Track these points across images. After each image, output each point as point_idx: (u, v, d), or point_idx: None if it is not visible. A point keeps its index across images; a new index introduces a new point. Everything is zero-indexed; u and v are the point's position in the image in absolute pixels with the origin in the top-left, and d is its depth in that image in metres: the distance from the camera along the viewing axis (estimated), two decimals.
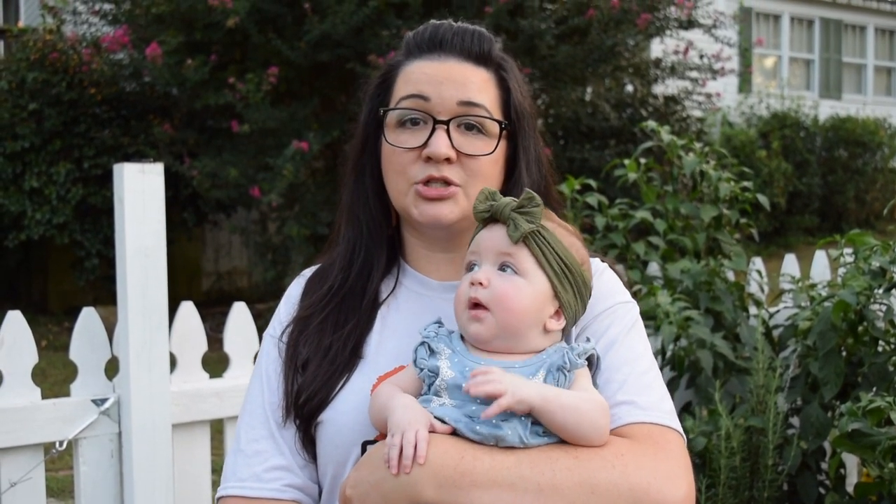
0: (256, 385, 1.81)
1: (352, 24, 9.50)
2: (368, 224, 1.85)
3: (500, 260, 1.58)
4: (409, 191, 1.75)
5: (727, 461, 3.28)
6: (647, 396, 1.65)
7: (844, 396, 3.30)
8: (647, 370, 1.70)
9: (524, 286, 1.57)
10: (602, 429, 1.53)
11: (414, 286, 1.84)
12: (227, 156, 10.37)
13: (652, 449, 1.56)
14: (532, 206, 1.58)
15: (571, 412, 1.50)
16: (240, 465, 1.74)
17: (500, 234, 1.59)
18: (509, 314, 1.55)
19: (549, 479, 1.46)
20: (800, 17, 20.22)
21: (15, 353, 2.84)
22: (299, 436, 1.74)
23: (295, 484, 1.73)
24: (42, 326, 10.74)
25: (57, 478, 5.79)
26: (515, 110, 1.81)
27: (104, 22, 11.31)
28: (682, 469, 1.56)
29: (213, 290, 13.14)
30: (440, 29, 1.82)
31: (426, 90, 1.75)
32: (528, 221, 1.57)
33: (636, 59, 11.91)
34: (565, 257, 1.60)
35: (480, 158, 1.75)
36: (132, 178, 2.96)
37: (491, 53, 1.81)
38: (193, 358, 3.17)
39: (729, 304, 3.78)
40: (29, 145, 10.94)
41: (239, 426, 1.80)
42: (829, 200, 17.13)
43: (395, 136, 1.78)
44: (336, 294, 1.82)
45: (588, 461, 1.49)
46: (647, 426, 1.61)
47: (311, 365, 1.75)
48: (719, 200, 4.10)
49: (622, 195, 4.93)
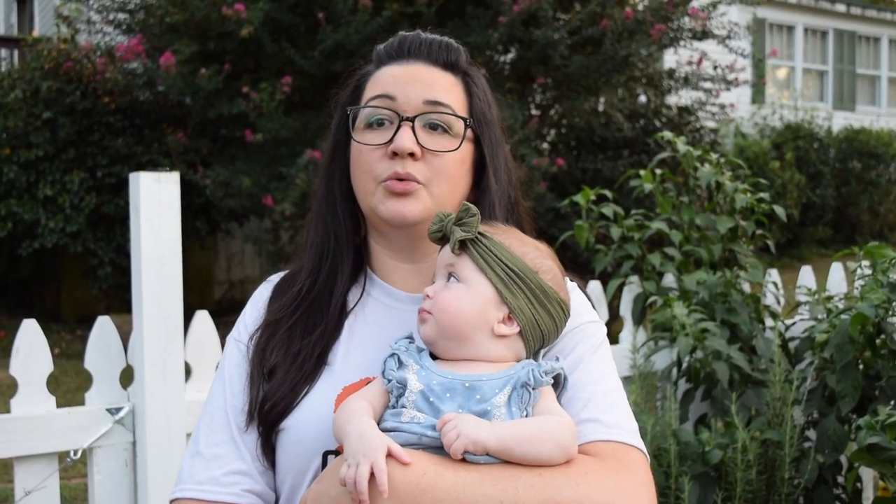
0: (218, 388, 1.80)
1: (365, 33, 9.51)
2: (336, 230, 1.86)
3: (447, 272, 1.64)
4: (377, 189, 1.76)
5: (743, 474, 3.27)
6: (612, 415, 1.66)
7: (862, 410, 3.28)
8: (612, 389, 1.71)
9: (461, 290, 1.61)
10: (566, 448, 1.53)
11: (381, 297, 1.84)
12: (241, 165, 10.39)
13: (615, 467, 1.56)
14: (468, 217, 1.61)
15: (529, 444, 1.50)
16: (198, 467, 1.72)
17: (446, 249, 1.65)
18: (445, 315, 1.59)
19: (511, 497, 1.46)
20: (814, 29, 20.20)
21: (30, 361, 2.84)
22: (260, 442, 1.73)
23: (254, 490, 1.72)
24: (55, 334, 10.76)
25: (71, 486, 5.79)
26: (478, 116, 1.83)
27: (118, 31, 11.34)
28: (644, 487, 1.57)
29: (225, 298, 13.15)
30: (408, 38, 1.86)
31: (392, 90, 1.78)
32: (463, 231, 1.60)
33: (650, 70, 11.89)
34: (511, 263, 1.62)
35: (445, 156, 1.75)
36: (148, 187, 2.96)
37: (458, 61, 1.85)
38: (208, 367, 3.17)
39: (745, 316, 3.76)
40: (43, 154, 10.97)
41: (198, 428, 1.78)
42: (842, 212, 17.09)
43: (362, 136, 1.79)
44: (305, 298, 1.82)
45: (551, 479, 1.49)
46: (612, 444, 1.62)
47: (279, 371, 1.74)
48: (735, 211, 4.09)
49: (636, 206, 4.91)
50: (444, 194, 1.76)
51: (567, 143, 11.55)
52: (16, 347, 2.83)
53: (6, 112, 11.05)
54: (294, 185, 9.44)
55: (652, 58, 11.85)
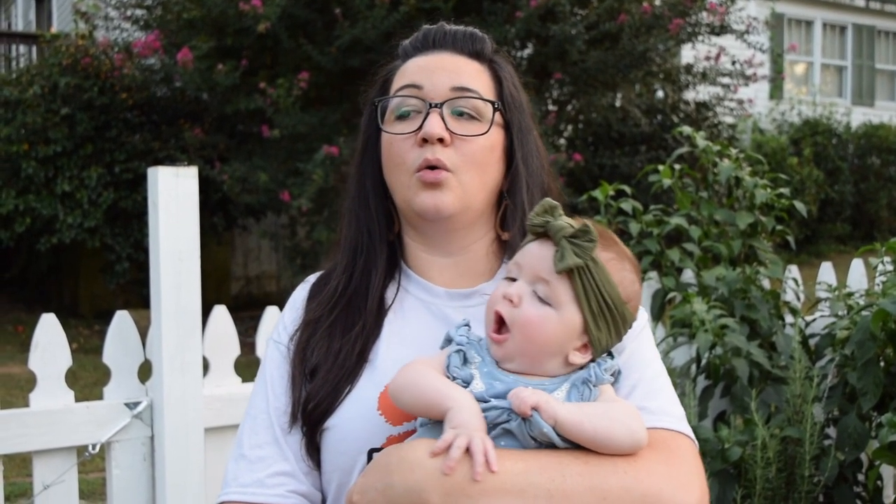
0: (260, 390, 1.79)
1: (382, 29, 9.52)
2: (369, 226, 1.84)
3: (538, 283, 1.54)
4: (411, 181, 1.73)
5: (763, 471, 3.25)
6: (657, 401, 1.64)
7: (883, 407, 3.26)
8: (657, 375, 1.69)
9: (552, 318, 1.52)
10: (635, 431, 1.50)
11: (418, 293, 1.81)
12: (257, 160, 10.41)
13: (664, 454, 1.53)
14: (586, 240, 1.52)
15: (599, 420, 1.47)
16: (242, 470, 1.71)
17: (547, 255, 1.54)
18: (529, 343, 1.52)
19: (559, 486, 1.43)
20: (832, 24, 20.09)
21: (49, 356, 2.85)
22: (304, 442, 1.72)
23: (299, 490, 1.70)
24: (73, 329, 10.81)
25: (89, 480, 5.81)
26: (508, 101, 1.81)
27: (136, 27, 11.39)
28: (694, 475, 1.54)
29: (241, 294, 13.18)
30: (432, 30, 1.85)
31: (419, 79, 1.76)
32: (576, 255, 1.51)
33: (667, 65, 11.86)
34: (609, 296, 1.55)
35: (474, 142, 1.73)
36: (166, 182, 2.96)
37: (483, 50, 1.83)
38: (226, 362, 3.17)
39: (765, 313, 3.74)
40: (61, 150, 11.02)
41: (241, 432, 1.77)
42: (861, 208, 17.00)
43: (391, 127, 1.78)
44: (342, 296, 1.80)
45: (599, 467, 1.46)
46: (659, 431, 1.58)
47: (321, 370, 1.73)
48: (755, 207, 4.06)
49: (654, 202, 4.89)
50: (473, 182, 1.73)
51: (584, 139, 11.53)
52: (34, 342, 2.83)
53: (25, 108, 11.10)
54: (311, 180, 9.46)
55: (669, 53, 11.82)
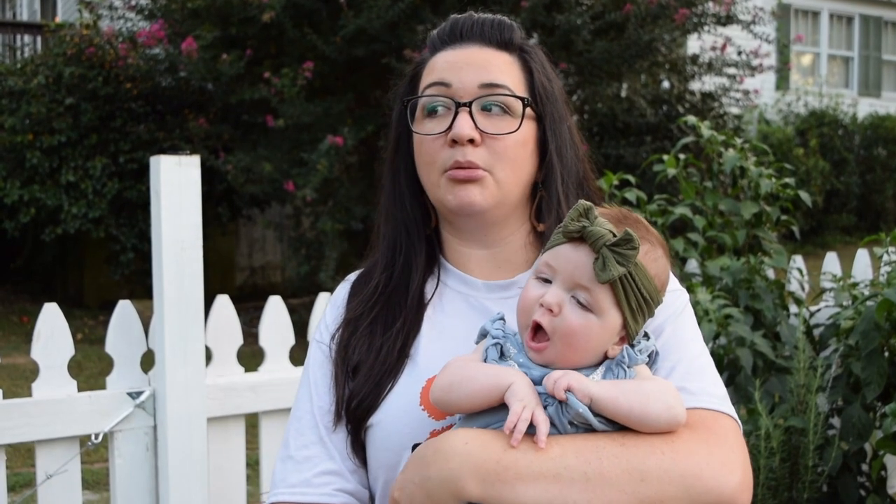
0: (304, 391, 1.79)
1: (387, 18, 9.49)
2: (406, 223, 1.84)
3: (577, 290, 1.49)
4: (441, 180, 1.73)
5: (766, 461, 3.24)
6: (698, 382, 1.60)
7: (887, 397, 3.25)
8: (698, 355, 1.66)
9: (595, 325, 1.49)
10: (673, 408, 1.47)
11: (457, 286, 1.81)
12: (262, 150, 10.40)
13: (704, 434, 1.50)
14: (628, 249, 1.47)
15: (633, 395, 1.45)
16: (289, 470, 1.72)
17: (585, 262, 1.49)
18: (572, 351, 1.50)
19: (595, 468, 1.42)
20: (839, 14, 20.01)
21: (51, 345, 2.85)
22: (349, 440, 1.72)
23: (346, 489, 1.70)
24: (78, 320, 10.82)
25: (92, 470, 5.82)
26: (540, 92, 1.79)
27: (140, 17, 11.37)
28: (736, 455, 1.50)
29: (246, 284, 13.19)
30: (459, 21, 1.82)
31: (447, 77, 1.74)
32: (619, 263, 1.47)
33: (673, 55, 11.83)
34: (647, 293, 1.52)
35: (506, 138, 1.72)
36: (169, 171, 2.96)
37: (512, 39, 1.80)
38: (229, 351, 3.17)
39: (769, 303, 3.73)
40: (65, 140, 11.01)
41: (287, 433, 1.78)
42: (866, 199, 16.95)
43: (421, 126, 1.77)
44: (382, 293, 1.80)
45: (636, 448, 1.44)
46: (699, 412, 1.55)
47: (363, 367, 1.73)
48: (759, 197, 4.05)
49: (659, 192, 4.88)
50: (508, 178, 1.72)
51: (590, 129, 11.50)
52: (37, 332, 2.83)
53: (29, 98, 11.10)
54: (315, 170, 9.45)
55: (675, 43, 11.77)
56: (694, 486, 1.43)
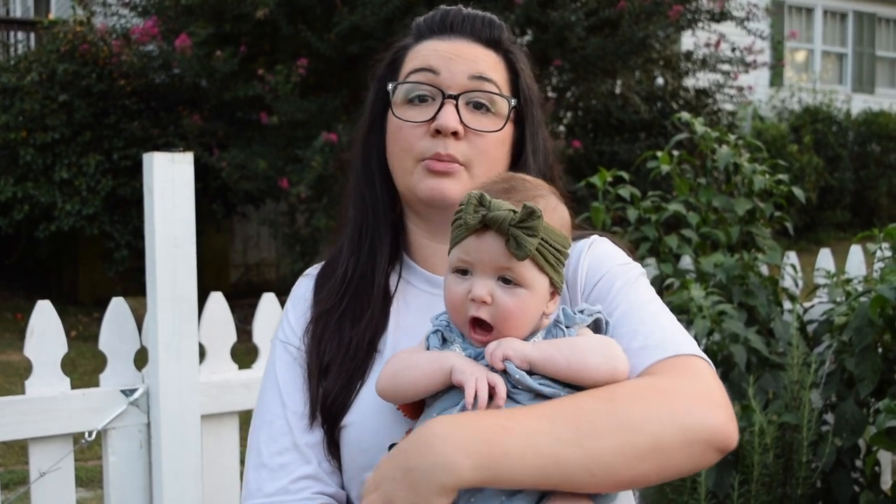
0: (273, 395, 1.74)
1: (381, 15, 9.49)
2: (373, 206, 1.81)
3: (500, 272, 1.49)
4: (416, 168, 1.71)
5: (760, 458, 3.25)
6: (661, 335, 1.57)
7: (880, 393, 3.26)
8: (657, 312, 1.63)
9: (528, 297, 1.49)
10: (612, 360, 1.46)
11: (421, 284, 1.78)
12: (256, 147, 10.39)
13: (682, 377, 1.49)
14: (534, 220, 1.45)
15: (570, 350, 1.45)
16: (264, 479, 1.67)
17: (498, 247, 1.48)
18: (515, 329, 1.49)
19: (587, 431, 1.38)
20: (833, 11, 20.03)
21: (44, 342, 2.84)
22: (326, 440, 1.69)
23: (325, 492, 1.67)
24: (72, 317, 10.80)
25: (86, 468, 5.81)
26: (524, 94, 1.79)
27: (134, 14, 11.35)
28: (716, 391, 1.48)
29: (241, 281, 13.17)
30: (450, 13, 1.80)
31: (436, 64, 1.72)
32: (530, 236, 1.46)
33: (667, 52, 11.84)
34: (561, 245, 1.52)
35: (488, 136, 1.71)
36: (162, 168, 2.95)
37: (501, 38, 1.79)
38: (222, 349, 3.16)
39: (763, 299, 3.73)
40: (59, 136, 11.00)
41: (258, 439, 1.72)
42: (860, 196, 16.97)
43: (402, 112, 1.74)
44: (351, 281, 1.78)
45: (623, 400, 1.41)
46: (669, 360, 1.52)
47: (334, 365, 1.70)
48: (753, 193, 4.05)
49: (653, 188, 4.88)
50: (483, 175, 1.69)
51: (584, 126, 11.51)
52: (30, 328, 2.83)
53: (22, 95, 11.08)
54: (310, 167, 9.44)
55: (669, 40, 11.79)
56: (686, 422, 1.41)
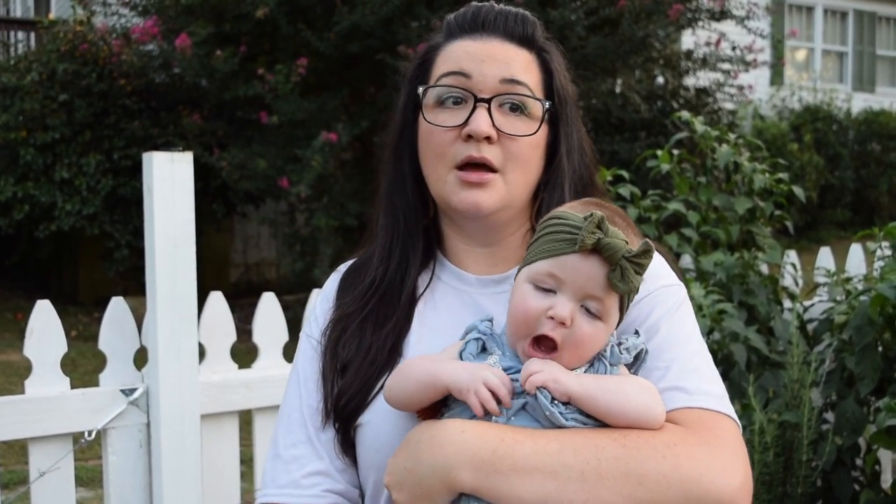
0: (294, 388, 1.76)
1: (381, 14, 9.49)
2: (405, 212, 1.78)
3: (587, 300, 1.47)
4: (449, 176, 1.68)
5: (760, 456, 3.24)
6: (695, 381, 1.55)
7: (881, 392, 3.26)
8: (695, 353, 1.60)
9: (603, 331, 1.48)
10: (652, 409, 1.45)
11: (451, 280, 1.77)
12: (256, 147, 10.39)
13: (705, 437, 1.46)
14: (646, 258, 1.45)
15: (612, 394, 1.43)
16: (278, 471, 1.70)
17: (599, 273, 1.45)
18: (580, 359, 1.48)
19: (593, 468, 1.39)
20: (833, 9, 20.02)
21: (44, 342, 2.84)
22: (338, 439, 1.69)
23: (335, 489, 1.68)
24: (72, 317, 10.80)
25: (86, 467, 5.81)
26: (558, 94, 1.75)
27: (134, 13, 11.35)
28: (737, 458, 1.46)
29: (241, 281, 13.17)
30: (482, 10, 1.76)
31: (467, 67, 1.68)
32: (637, 273, 1.45)
33: (667, 51, 11.84)
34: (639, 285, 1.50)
35: (521, 140, 1.67)
36: (161, 167, 2.95)
37: (534, 36, 1.76)
38: (222, 348, 3.16)
39: (763, 298, 3.73)
40: (59, 136, 11.00)
41: (276, 431, 1.75)
42: (861, 194, 16.97)
43: (433, 116, 1.70)
44: (378, 288, 1.76)
45: (636, 450, 1.41)
46: (697, 412, 1.51)
47: (352, 366, 1.70)
48: (753, 192, 4.05)
49: (653, 187, 4.88)
50: (518, 180, 1.68)
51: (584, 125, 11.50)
52: (30, 328, 2.82)
53: (23, 95, 11.08)
54: (310, 167, 9.45)
55: (670, 39, 11.79)
56: (693, 491, 1.40)
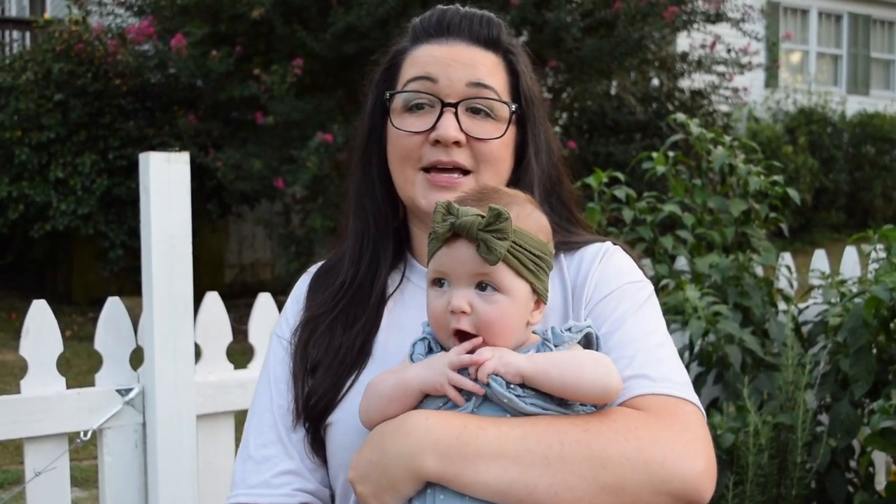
0: (264, 388, 1.77)
1: (377, 15, 9.49)
2: (375, 216, 1.80)
3: (476, 279, 1.48)
4: (417, 178, 1.70)
5: (755, 458, 3.25)
6: (659, 369, 1.56)
7: (875, 394, 3.26)
8: (659, 345, 1.62)
9: (508, 304, 1.48)
10: (608, 378, 1.45)
11: (420, 281, 1.77)
12: (252, 147, 10.39)
13: (668, 421, 1.47)
14: (501, 222, 1.44)
15: (567, 365, 1.43)
16: (249, 471, 1.71)
17: (470, 254, 1.47)
18: (498, 338, 1.48)
19: (556, 453, 1.40)
20: (828, 12, 20.06)
21: (40, 342, 2.84)
22: (308, 439, 1.70)
23: (305, 488, 1.69)
24: (67, 317, 10.78)
25: (81, 467, 5.81)
26: (525, 95, 1.77)
27: (130, 13, 11.35)
28: (700, 442, 1.47)
29: (236, 282, 13.16)
30: (447, 13, 1.78)
31: (434, 71, 1.71)
32: (500, 239, 1.45)
33: (662, 53, 11.86)
34: (538, 251, 1.50)
35: (490, 142, 1.70)
36: (158, 168, 2.95)
37: (500, 38, 1.77)
38: (218, 349, 3.16)
39: (758, 300, 3.74)
40: (54, 136, 10.99)
41: (247, 430, 1.76)
42: (855, 197, 17.00)
43: (401, 121, 1.73)
44: (348, 290, 1.77)
45: (599, 434, 1.42)
46: (661, 398, 1.52)
47: (322, 366, 1.71)
48: (748, 194, 4.06)
49: (648, 189, 4.89)
50: (489, 181, 1.69)
51: (579, 127, 11.52)
52: (25, 328, 2.82)
53: (18, 94, 11.07)
54: (305, 167, 9.44)
55: (665, 41, 11.81)
56: (656, 472, 1.40)
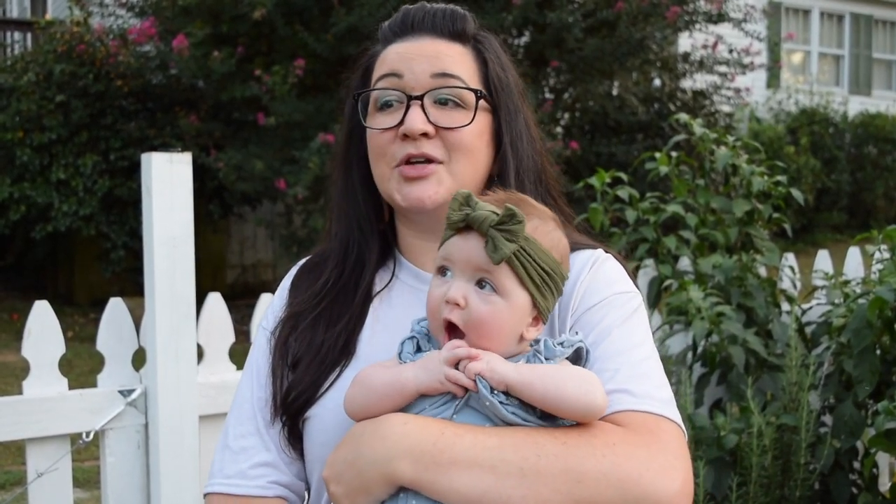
0: (246, 379, 1.77)
1: (379, 16, 9.47)
2: (359, 220, 1.81)
3: (478, 276, 1.48)
4: (392, 175, 1.70)
5: (758, 459, 3.24)
6: (643, 385, 1.54)
7: (879, 395, 3.25)
8: (644, 359, 1.59)
9: (503, 308, 1.47)
10: (592, 396, 1.43)
11: (408, 279, 1.78)
12: (253, 148, 10.39)
13: (646, 438, 1.45)
14: (514, 224, 1.45)
15: (551, 380, 1.42)
16: (226, 461, 1.71)
17: (478, 248, 1.47)
18: (486, 339, 1.47)
19: (532, 465, 1.39)
20: (830, 12, 20.05)
21: (42, 343, 2.83)
22: (285, 432, 1.70)
23: (281, 481, 1.69)
24: (68, 318, 10.79)
25: (83, 468, 5.81)
26: (494, 83, 1.75)
27: (131, 14, 11.35)
28: (678, 461, 1.45)
29: (237, 283, 13.16)
30: (411, 12, 1.78)
31: (399, 67, 1.71)
32: (508, 240, 1.45)
33: (664, 53, 11.85)
34: (547, 265, 1.49)
35: (460, 131, 1.69)
36: (160, 168, 2.94)
37: (464, 29, 1.77)
38: (220, 349, 3.16)
39: (761, 300, 3.73)
40: (56, 137, 11.00)
41: (227, 421, 1.76)
42: (857, 197, 16.99)
43: (373, 120, 1.74)
44: (331, 290, 1.78)
45: (576, 448, 1.41)
46: (642, 415, 1.50)
47: (303, 363, 1.71)
48: (751, 195, 4.05)
49: (651, 189, 4.88)
50: (465, 170, 1.69)
51: (581, 127, 11.51)
52: (27, 329, 2.82)
53: (19, 95, 11.08)
54: (307, 168, 9.44)
55: (667, 41, 11.80)
56: (631, 490, 1.39)
